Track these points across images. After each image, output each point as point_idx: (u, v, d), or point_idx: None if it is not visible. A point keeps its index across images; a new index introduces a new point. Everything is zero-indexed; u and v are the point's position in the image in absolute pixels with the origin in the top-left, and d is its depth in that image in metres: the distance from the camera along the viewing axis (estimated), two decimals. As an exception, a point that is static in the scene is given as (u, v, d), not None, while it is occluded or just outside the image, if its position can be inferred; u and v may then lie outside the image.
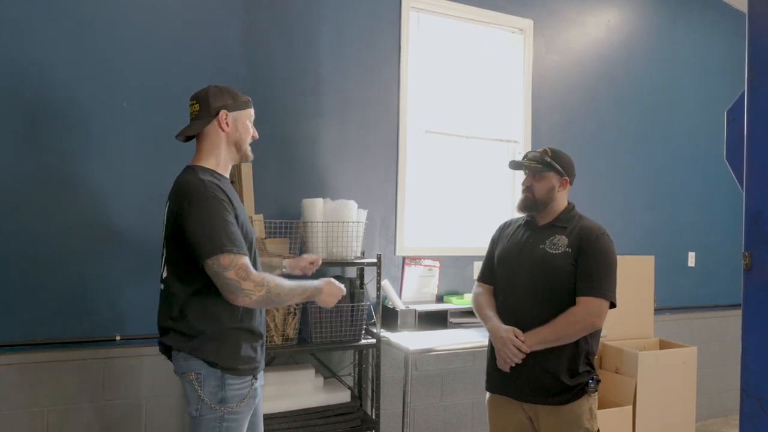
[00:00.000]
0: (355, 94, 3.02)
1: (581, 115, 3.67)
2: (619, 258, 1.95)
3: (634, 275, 3.62)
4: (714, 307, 4.11)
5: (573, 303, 1.86)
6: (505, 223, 2.20)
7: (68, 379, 2.40)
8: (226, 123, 1.76)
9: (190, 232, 1.61)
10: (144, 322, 2.52)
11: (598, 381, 1.92)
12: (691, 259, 4.05)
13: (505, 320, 1.95)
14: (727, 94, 3.63)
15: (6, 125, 2.34)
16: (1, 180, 2.33)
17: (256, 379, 1.75)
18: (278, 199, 2.81)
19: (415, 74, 3.23)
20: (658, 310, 3.82)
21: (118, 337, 2.46)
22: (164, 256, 1.74)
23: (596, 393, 1.91)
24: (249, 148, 1.84)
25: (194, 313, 1.67)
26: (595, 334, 1.93)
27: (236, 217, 1.69)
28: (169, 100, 2.61)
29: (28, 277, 2.36)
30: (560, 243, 1.92)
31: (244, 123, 1.80)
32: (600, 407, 3.35)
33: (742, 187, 1.36)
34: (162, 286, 1.75)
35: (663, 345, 3.65)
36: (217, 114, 1.75)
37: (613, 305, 1.88)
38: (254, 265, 1.73)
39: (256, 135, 1.87)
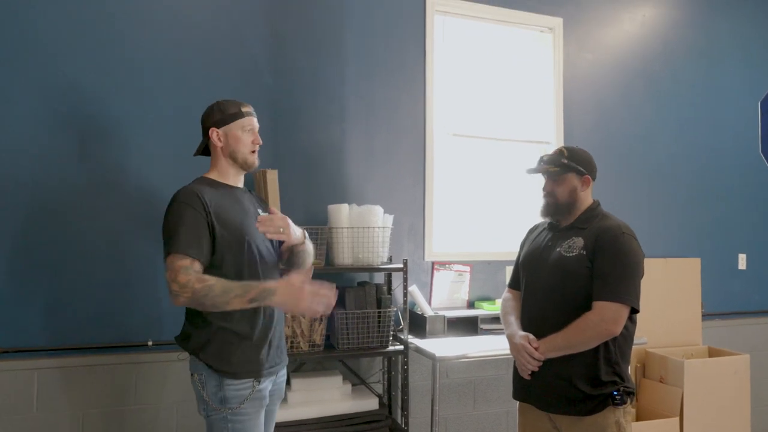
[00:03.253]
0: (381, 99, 3.02)
1: (617, 114, 3.55)
2: (662, 261, 1.84)
3: (679, 279, 3.46)
4: (768, 312, 3.86)
5: (590, 308, 1.75)
6: (534, 226, 2.14)
7: (103, 383, 2.47)
8: (218, 139, 1.86)
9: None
10: (175, 327, 2.58)
11: (629, 393, 1.78)
12: (742, 262, 3.82)
13: (525, 327, 1.89)
14: (774, 86, 3.44)
15: (56, 141, 2.45)
16: (40, 190, 2.43)
17: (259, 381, 1.75)
18: (305, 205, 2.82)
19: (442, 78, 3.20)
20: (706, 316, 3.63)
21: (150, 343, 2.52)
22: None
23: (626, 406, 1.77)
24: (249, 156, 1.87)
25: (189, 313, 1.80)
26: (621, 341, 1.79)
27: (209, 223, 1.72)
28: (198, 112, 2.67)
29: (64, 283, 2.45)
30: (576, 245, 1.83)
31: (234, 135, 1.85)
32: (644, 418, 3.21)
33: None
34: None
35: (712, 353, 3.46)
36: (209, 133, 1.87)
37: (634, 310, 1.76)
38: (250, 266, 1.75)
39: (259, 141, 1.90)
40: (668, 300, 3.38)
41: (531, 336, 1.82)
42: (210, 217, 1.73)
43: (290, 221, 1.85)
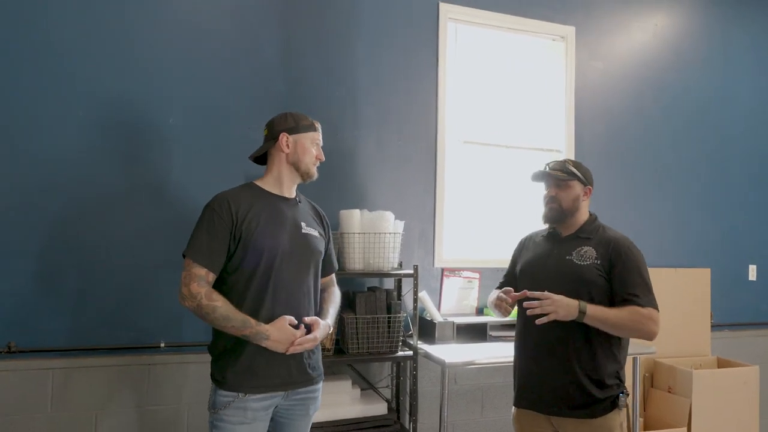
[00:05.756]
0: (393, 106, 3.04)
1: (627, 123, 3.55)
2: (672, 271, 1.95)
3: (688, 289, 3.45)
4: (779, 323, 3.85)
5: None
6: (527, 236, 2.20)
7: (116, 383, 2.50)
8: (286, 145, 1.88)
9: None
10: (188, 330, 2.61)
11: (627, 395, 1.89)
12: (752, 273, 3.81)
13: (530, 328, 1.91)
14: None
15: (79, 146, 2.49)
16: (60, 194, 2.47)
17: (244, 394, 1.73)
18: (316, 210, 2.84)
19: (454, 85, 3.22)
20: (715, 327, 3.62)
21: (162, 344, 2.55)
22: None
23: (626, 408, 1.88)
24: (312, 168, 1.93)
25: None
26: (625, 345, 1.91)
27: (234, 234, 1.75)
28: (213, 117, 2.71)
29: (80, 285, 2.49)
30: (588, 254, 1.89)
31: (303, 145, 1.90)
32: (652, 428, 3.20)
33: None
34: None
35: (721, 363, 3.45)
36: (278, 136, 1.88)
37: None
38: (275, 286, 1.77)
39: (322, 157, 1.96)
40: (677, 310, 3.38)
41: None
42: (235, 228, 1.76)
43: (320, 328, 1.84)
